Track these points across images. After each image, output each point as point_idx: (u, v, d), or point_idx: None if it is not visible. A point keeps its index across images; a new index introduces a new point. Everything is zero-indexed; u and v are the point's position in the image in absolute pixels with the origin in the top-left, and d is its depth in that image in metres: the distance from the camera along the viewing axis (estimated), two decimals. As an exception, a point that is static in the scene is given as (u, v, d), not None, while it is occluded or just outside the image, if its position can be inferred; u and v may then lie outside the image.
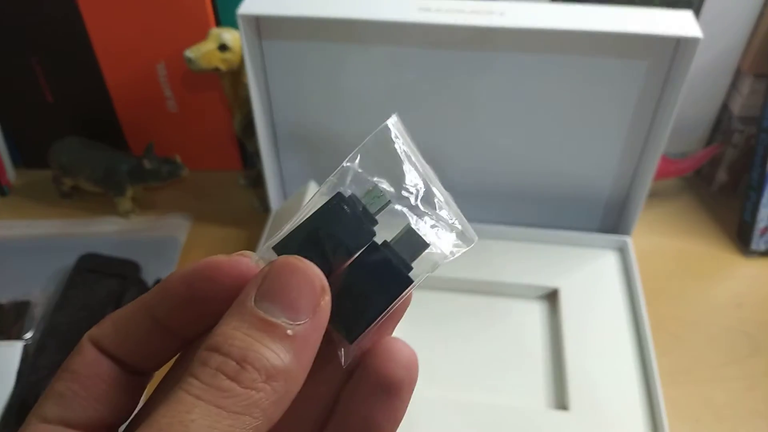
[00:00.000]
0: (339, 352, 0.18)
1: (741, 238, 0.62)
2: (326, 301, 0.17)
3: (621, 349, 0.51)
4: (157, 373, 0.21)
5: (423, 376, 0.52)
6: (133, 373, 0.19)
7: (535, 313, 0.55)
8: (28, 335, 0.53)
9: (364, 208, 0.19)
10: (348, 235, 0.18)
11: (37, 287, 0.57)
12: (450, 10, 0.48)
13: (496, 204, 0.61)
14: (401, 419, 0.18)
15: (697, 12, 0.57)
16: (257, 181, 0.66)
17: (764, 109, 0.59)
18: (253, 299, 0.17)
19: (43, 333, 0.52)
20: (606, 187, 0.59)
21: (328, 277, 0.18)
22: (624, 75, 0.51)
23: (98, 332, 0.19)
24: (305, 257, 0.18)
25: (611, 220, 0.61)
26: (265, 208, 0.63)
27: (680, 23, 0.47)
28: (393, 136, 0.20)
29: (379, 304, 0.18)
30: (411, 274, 0.19)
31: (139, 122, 0.67)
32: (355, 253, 0.18)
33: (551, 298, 0.55)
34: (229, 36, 0.55)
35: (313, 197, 0.19)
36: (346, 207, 0.18)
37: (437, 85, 0.53)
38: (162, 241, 0.62)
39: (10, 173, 0.69)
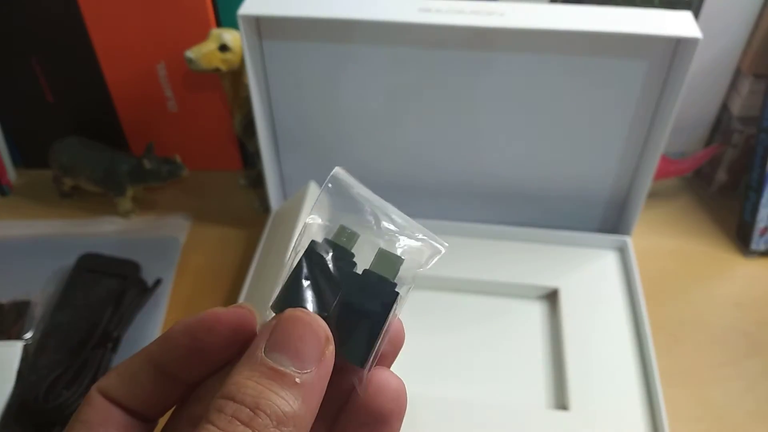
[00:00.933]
0: (354, 381, 0.19)
1: (741, 238, 0.62)
2: (330, 350, 0.18)
3: (621, 349, 0.51)
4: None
5: (423, 376, 0.52)
6: (140, 419, 0.21)
7: (535, 313, 0.55)
8: (28, 335, 0.53)
9: (339, 246, 0.20)
10: (332, 275, 0.20)
11: (37, 287, 0.57)
12: (450, 11, 0.49)
13: (496, 204, 0.61)
14: None
15: (697, 12, 0.57)
16: (257, 181, 0.66)
17: (764, 109, 0.59)
18: (263, 350, 0.18)
19: (43, 333, 0.52)
20: (606, 187, 0.59)
21: (326, 318, 0.19)
22: (624, 75, 0.51)
23: (105, 383, 0.21)
24: (304, 306, 0.19)
25: (611, 220, 0.61)
26: (265, 208, 0.63)
27: (680, 24, 0.47)
28: (342, 185, 0.22)
29: (376, 325, 0.19)
30: (396, 289, 0.20)
31: (140, 122, 0.67)
32: (342, 287, 0.20)
33: (551, 298, 0.55)
34: (230, 36, 0.55)
35: (290, 255, 0.21)
36: (322, 252, 0.20)
37: (437, 85, 0.53)
38: (162, 241, 0.62)
39: (10, 173, 0.69)
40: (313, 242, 0.20)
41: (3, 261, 0.60)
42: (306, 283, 0.19)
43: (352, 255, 0.20)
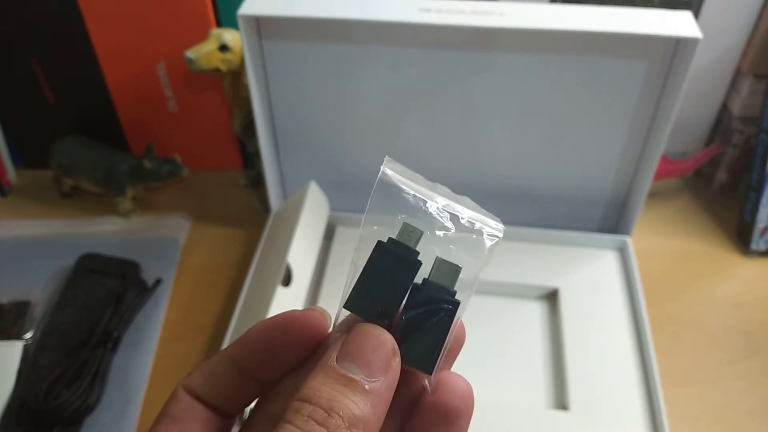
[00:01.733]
0: (424, 383, 0.21)
1: (741, 238, 0.62)
2: (396, 362, 0.20)
3: (621, 349, 0.51)
4: None
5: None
6: (221, 414, 0.23)
7: (535, 313, 0.55)
8: (28, 335, 0.53)
9: (404, 245, 0.21)
10: (398, 278, 0.20)
11: (37, 287, 0.57)
12: (450, 11, 0.49)
13: (496, 204, 0.60)
14: None
15: (697, 12, 0.57)
16: (257, 181, 0.66)
17: (764, 109, 0.59)
18: (335, 359, 0.20)
19: (43, 333, 0.52)
20: (606, 187, 0.59)
21: (393, 327, 0.20)
22: (624, 75, 0.51)
23: (190, 381, 0.23)
24: (372, 314, 0.20)
25: (611, 220, 0.61)
26: (266, 208, 0.63)
27: (680, 23, 0.47)
28: (393, 180, 0.22)
29: (440, 335, 0.20)
30: (457, 297, 0.21)
31: (140, 122, 0.67)
32: (406, 297, 0.21)
33: (551, 298, 0.55)
34: (230, 36, 0.55)
35: (354, 256, 0.21)
36: (388, 253, 0.21)
37: (437, 85, 0.53)
38: (162, 241, 0.62)
39: (11, 173, 0.69)
40: (379, 242, 0.21)
41: (3, 261, 0.60)
42: (373, 288, 0.20)
43: (417, 253, 0.21)
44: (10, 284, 0.57)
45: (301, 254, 0.51)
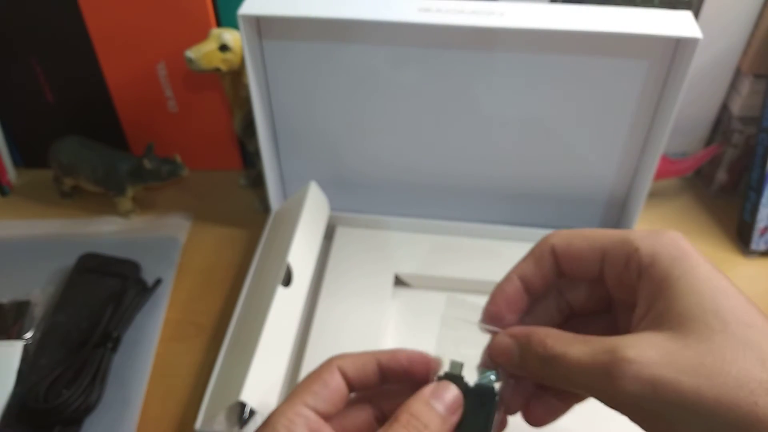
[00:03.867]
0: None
1: (741, 238, 0.62)
2: (460, 410, 0.32)
3: (621, 349, 0.51)
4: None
5: (423, 376, 0.50)
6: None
7: (535, 313, 0.55)
8: (28, 335, 0.53)
9: (455, 375, 0.33)
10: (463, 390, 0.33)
11: (37, 287, 0.57)
12: (450, 10, 0.49)
13: (496, 204, 0.61)
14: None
15: (697, 12, 0.57)
16: (257, 181, 0.66)
17: (764, 109, 0.59)
18: (429, 394, 0.32)
19: (43, 333, 0.52)
20: (606, 187, 0.59)
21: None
22: (624, 75, 0.51)
23: (342, 363, 0.33)
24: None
25: (611, 220, 0.61)
26: (266, 208, 0.63)
27: (680, 23, 0.47)
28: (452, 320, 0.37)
29: (490, 409, 0.33)
30: (495, 388, 0.33)
31: (140, 122, 0.67)
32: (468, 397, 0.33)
33: (551, 298, 0.55)
34: (230, 36, 0.55)
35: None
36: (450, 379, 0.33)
37: (437, 85, 0.53)
38: (162, 241, 0.62)
39: (11, 173, 0.69)
40: (444, 375, 0.33)
41: (3, 261, 0.60)
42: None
43: (462, 377, 0.33)
44: (10, 284, 0.57)
45: (302, 254, 0.51)
